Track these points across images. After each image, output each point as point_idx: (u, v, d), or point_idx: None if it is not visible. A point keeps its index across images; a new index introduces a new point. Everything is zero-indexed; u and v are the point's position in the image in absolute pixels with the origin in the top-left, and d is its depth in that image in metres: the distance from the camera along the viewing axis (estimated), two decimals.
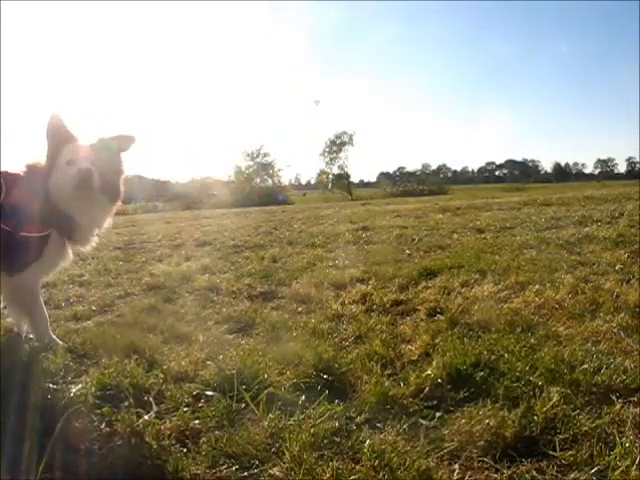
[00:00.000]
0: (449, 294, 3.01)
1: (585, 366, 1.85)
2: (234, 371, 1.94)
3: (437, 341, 2.21)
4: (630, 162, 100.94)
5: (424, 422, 1.59)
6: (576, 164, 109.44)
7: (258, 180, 43.01)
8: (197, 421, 1.67)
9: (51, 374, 2.06)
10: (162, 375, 2.00)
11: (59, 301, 3.44)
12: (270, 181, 43.29)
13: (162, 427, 1.62)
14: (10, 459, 1.48)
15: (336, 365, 2.00)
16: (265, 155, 42.96)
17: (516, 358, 1.96)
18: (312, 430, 1.54)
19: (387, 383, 1.83)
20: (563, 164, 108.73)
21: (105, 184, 2.30)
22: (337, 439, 1.52)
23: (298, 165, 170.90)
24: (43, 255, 2.31)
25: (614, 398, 1.66)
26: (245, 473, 1.41)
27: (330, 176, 46.53)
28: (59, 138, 2.29)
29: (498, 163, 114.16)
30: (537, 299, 2.76)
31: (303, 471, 1.37)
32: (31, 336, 2.49)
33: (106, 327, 2.72)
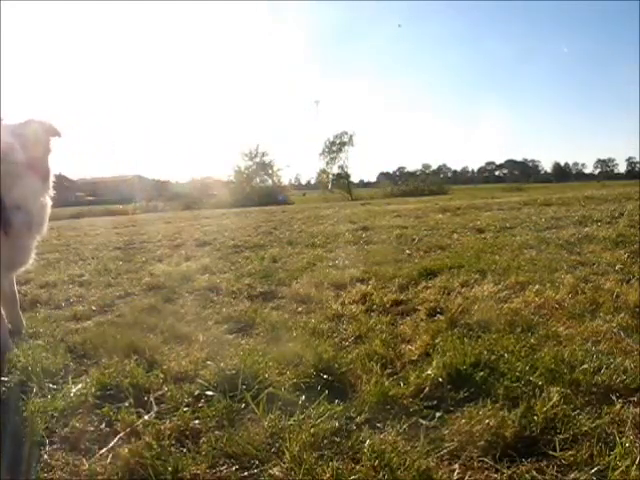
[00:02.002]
0: (449, 294, 3.01)
1: (585, 366, 1.85)
2: (234, 371, 1.94)
3: (437, 341, 2.21)
4: (630, 162, 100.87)
5: (424, 422, 1.59)
6: (576, 164, 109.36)
7: (258, 180, 43.08)
8: (197, 421, 1.67)
9: (51, 374, 2.07)
10: (162, 375, 2.00)
11: (59, 301, 3.44)
12: (270, 181, 43.36)
13: (162, 427, 1.62)
14: (10, 459, 1.48)
15: (336, 365, 2.00)
16: (264, 155, 43.02)
17: (516, 358, 1.96)
18: (312, 430, 1.54)
19: (387, 383, 1.83)
20: (563, 164, 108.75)
21: (31, 160, 2.21)
22: (337, 439, 1.52)
23: (298, 165, 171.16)
24: None
25: (614, 398, 1.66)
26: (245, 473, 1.41)
27: (330, 176, 46.63)
28: None
29: (498, 163, 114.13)
30: (537, 299, 2.75)
31: (303, 471, 1.37)
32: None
33: (106, 327, 2.72)
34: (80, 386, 1.92)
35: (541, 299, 2.75)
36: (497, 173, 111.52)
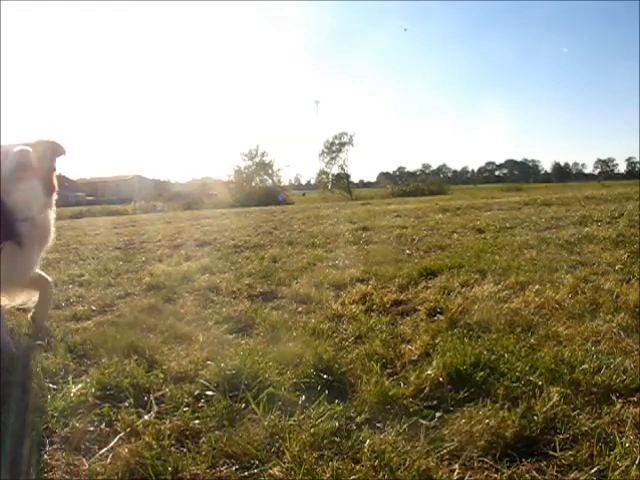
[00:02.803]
0: (449, 294, 3.01)
1: (585, 366, 1.85)
2: (234, 371, 1.94)
3: (437, 341, 2.21)
4: (630, 162, 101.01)
5: (424, 422, 1.59)
6: (576, 164, 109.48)
7: (258, 180, 43.07)
8: (197, 421, 1.67)
9: (51, 374, 2.06)
10: (162, 375, 2.00)
11: (59, 301, 3.43)
12: (270, 181, 43.34)
13: (162, 427, 1.62)
14: (10, 459, 1.48)
15: (336, 365, 2.00)
16: (264, 154, 42.99)
17: (516, 358, 1.96)
18: (312, 430, 1.54)
19: (387, 383, 1.83)
20: (563, 164, 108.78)
21: (41, 171, 2.30)
22: (337, 439, 1.52)
23: (298, 165, 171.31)
24: None
25: (614, 398, 1.66)
26: (245, 473, 1.41)
27: (330, 176, 46.68)
28: None
29: (498, 163, 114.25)
30: (537, 299, 2.75)
31: (303, 471, 1.37)
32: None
33: (106, 327, 2.72)
34: (80, 386, 1.92)
35: (541, 299, 2.75)
36: (497, 173, 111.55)
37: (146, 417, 1.69)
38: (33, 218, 2.34)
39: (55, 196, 2.47)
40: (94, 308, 3.20)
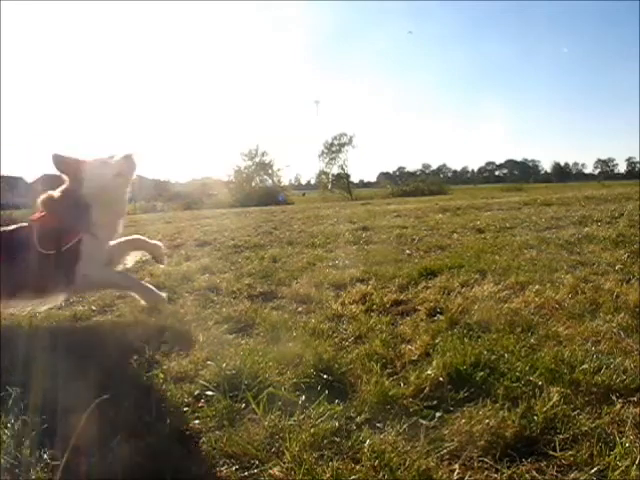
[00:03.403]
0: (449, 294, 3.01)
1: (585, 366, 1.85)
2: (234, 371, 1.94)
3: (437, 341, 2.21)
4: (630, 162, 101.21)
5: (424, 422, 1.59)
6: (576, 164, 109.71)
7: (258, 180, 43.11)
8: (197, 421, 1.67)
9: (51, 374, 2.06)
10: (162, 375, 2.00)
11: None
12: (270, 181, 43.38)
13: (162, 427, 1.62)
14: (10, 459, 1.48)
15: (336, 365, 2.00)
16: (263, 154, 43.03)
17: (516, 358, 1.96)
18: (312, 430, 1.54)
19: (387, 383, 1.83)
20: (563, 164, 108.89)
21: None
22: (337, 439, 1.52)
23: (298, 165, 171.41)
24: (83, 255, 2.72)
25: (614, 398, 1.66)
26: (245, 473, 1.41)
27: (330, 176, 46.75)
28: (71, 163, 2.78)
29: (498, 163, 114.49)
30: (537, 299, 2.75)
31: (303, 471, 1.37)
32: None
33: (106, 327, 2.72)
34: (81, 386, 1.92)
35: (541, 299, 2.75)
36: (497, 173, 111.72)
37: (146, 417, 1.69)
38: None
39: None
40: (94, 308, 3.20)
